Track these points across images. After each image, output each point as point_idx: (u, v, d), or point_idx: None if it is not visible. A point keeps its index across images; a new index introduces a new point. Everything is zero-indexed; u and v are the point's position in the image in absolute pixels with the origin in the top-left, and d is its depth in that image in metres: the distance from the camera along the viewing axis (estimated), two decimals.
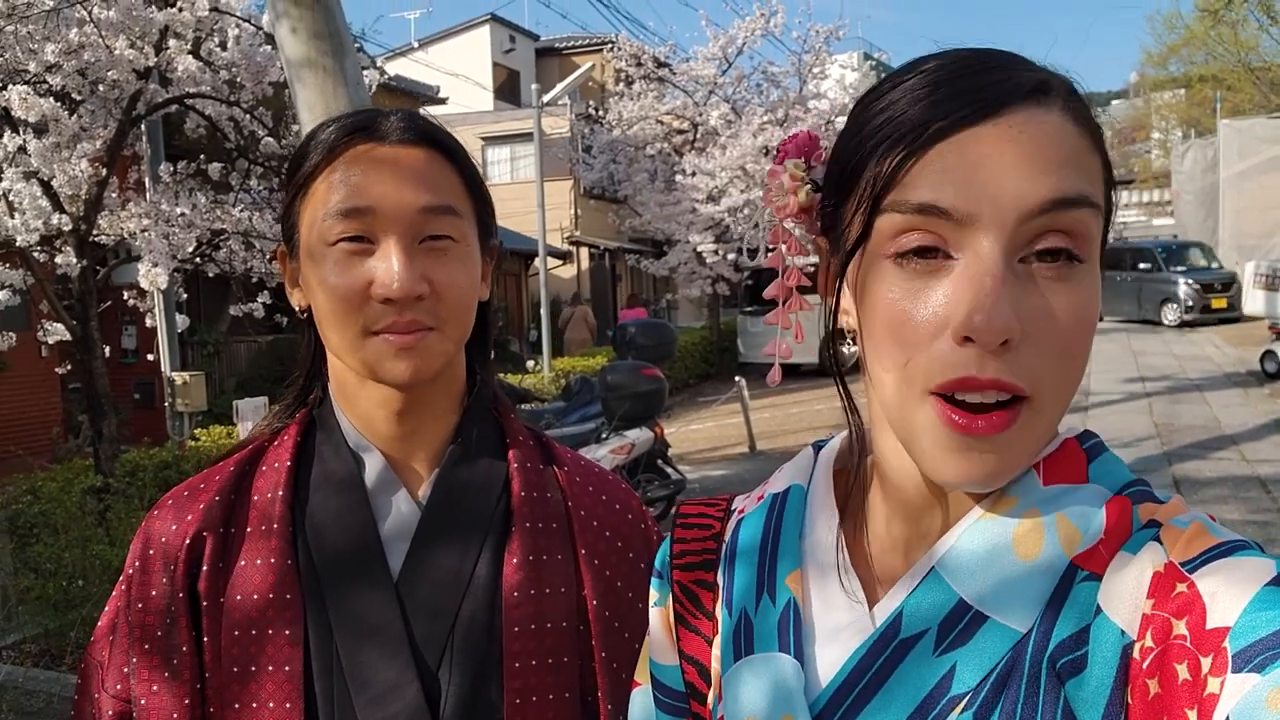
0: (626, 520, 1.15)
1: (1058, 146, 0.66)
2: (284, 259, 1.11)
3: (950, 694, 0.68)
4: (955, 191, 0.65)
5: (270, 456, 1.10)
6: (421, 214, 1.01)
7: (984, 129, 0.65)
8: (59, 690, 4.47)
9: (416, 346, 1.01)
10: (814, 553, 0.80)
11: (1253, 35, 31.52)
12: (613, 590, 1.09)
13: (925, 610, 0.70)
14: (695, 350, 18.47)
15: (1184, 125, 40.60)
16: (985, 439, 0.66)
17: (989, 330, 0.63)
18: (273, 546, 1.03)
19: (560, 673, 1.03)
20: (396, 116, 1.06)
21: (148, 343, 8.87)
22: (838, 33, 18.83)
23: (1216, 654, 0.58)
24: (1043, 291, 0.65)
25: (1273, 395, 12.55)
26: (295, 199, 1.06)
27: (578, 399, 8.13)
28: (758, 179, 17.48)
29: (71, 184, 6.14)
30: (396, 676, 0.99)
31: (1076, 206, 0.65)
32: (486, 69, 27.12)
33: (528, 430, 1.17)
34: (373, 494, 1.07)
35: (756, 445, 11.08)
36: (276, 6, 3.77)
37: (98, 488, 6.52)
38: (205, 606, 1.03)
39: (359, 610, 1.02)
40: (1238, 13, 24.13)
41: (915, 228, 0.66)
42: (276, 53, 5.99)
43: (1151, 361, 16.09)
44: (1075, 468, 0.72)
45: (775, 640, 0.78)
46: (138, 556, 1.07)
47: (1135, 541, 0.67)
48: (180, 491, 1.11)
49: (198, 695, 1.01)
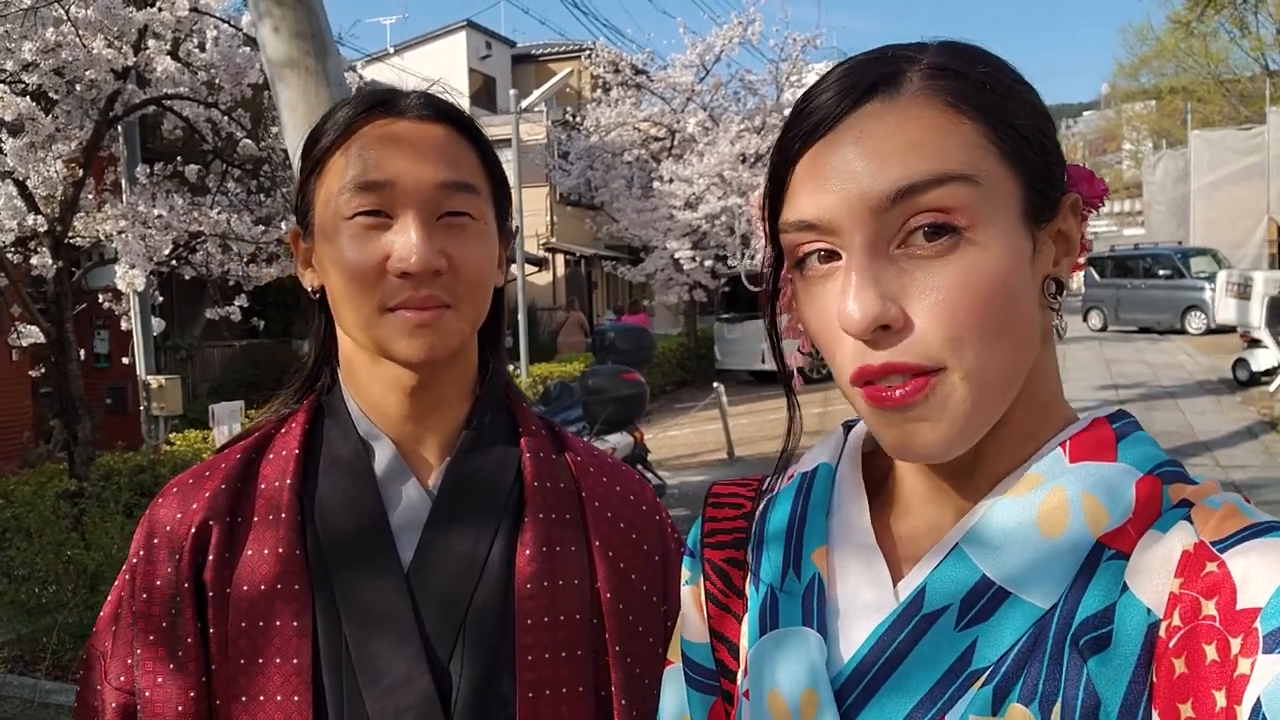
0: (640, 512, 1.13)
1: (901, 133, 0.68)
2: (296, 239, 1.09)
3: (971, 669, 0.68)
4: (815, 204, 0.70)
5: (278, 444, 1.08)
6: (440, 189, 1.00)
7: (831, 137, 0.70)
8: (33, 696, 4.41)
9: (433, 324, 0.99)
10: (840, 530, 0.81)
11: (1223, 48, 32.01)
12: (626, 583, 1.07)
13: (948, 586, 0.71)
14: (672, 357, 18.48)
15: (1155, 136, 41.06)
16: (908, 409, 0.68)
17: (856, 321, 0.66)
18: (280, 536, 1.01)
19: (573, 666, 1.01)
20: (415, 94, 1.05)
21: (121, 347, 8.78)
22: (815, 41, 18.97)
23: (1247, 635, 0.58)
24: (925, 270, 0.67)
25: (1245, 402, 12.69)
26: (310, 176, 1.04)
27: (557, 403, 8.12)
28: (735, 186, 17.55)
29: (47, 184, 6.10)
30: (408, 668, 0.97)
31: (933, 186, 0.67)
32: (463, 75, 27.04)
33: (540, 419, 1.15)
34: (382, 482, 1.04)
35: (735, 451, 11.09)
36: (259, 6, 3.74)
37: (72, 492, 6.44)
38: (211, 597, 1.00)
39: (369, 600, 1.00)
40: (1208, 26, 24.46)
41: (801, 239, 0.71)
42: (256, 54, 5.96)
43: (1125, 369, 16.24)
44: (1103, 446, 0.71)
45: (800, 615, 0.78)
46: (142, 545, 1.04)
47: (1165, 521, 0.67)
48: (185, 479, 1.08)
49: (203, 687, 0.98)
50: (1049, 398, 0.75)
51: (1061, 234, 0.74)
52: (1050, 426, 0.74)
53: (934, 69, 0.71)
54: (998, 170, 0.69)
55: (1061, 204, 0.73)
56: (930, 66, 0.71)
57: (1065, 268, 0.74)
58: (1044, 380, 0.75)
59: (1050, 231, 0.73)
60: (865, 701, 0.72)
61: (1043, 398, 0.74)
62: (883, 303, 0.66)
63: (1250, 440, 10.45)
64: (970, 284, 0.67)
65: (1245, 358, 13.85)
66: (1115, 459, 0.71)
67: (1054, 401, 0.76)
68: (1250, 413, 11.99)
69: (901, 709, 0.70)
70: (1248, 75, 32.34)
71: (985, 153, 0.69)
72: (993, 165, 0.69)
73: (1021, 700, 0.65)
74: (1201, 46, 31.75)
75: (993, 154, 0.69)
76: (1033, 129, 0.71)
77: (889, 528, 0.79)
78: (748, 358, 17.72)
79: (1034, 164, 0.71)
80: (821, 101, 0.71)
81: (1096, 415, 0.74)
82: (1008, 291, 0.68)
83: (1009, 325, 0.68)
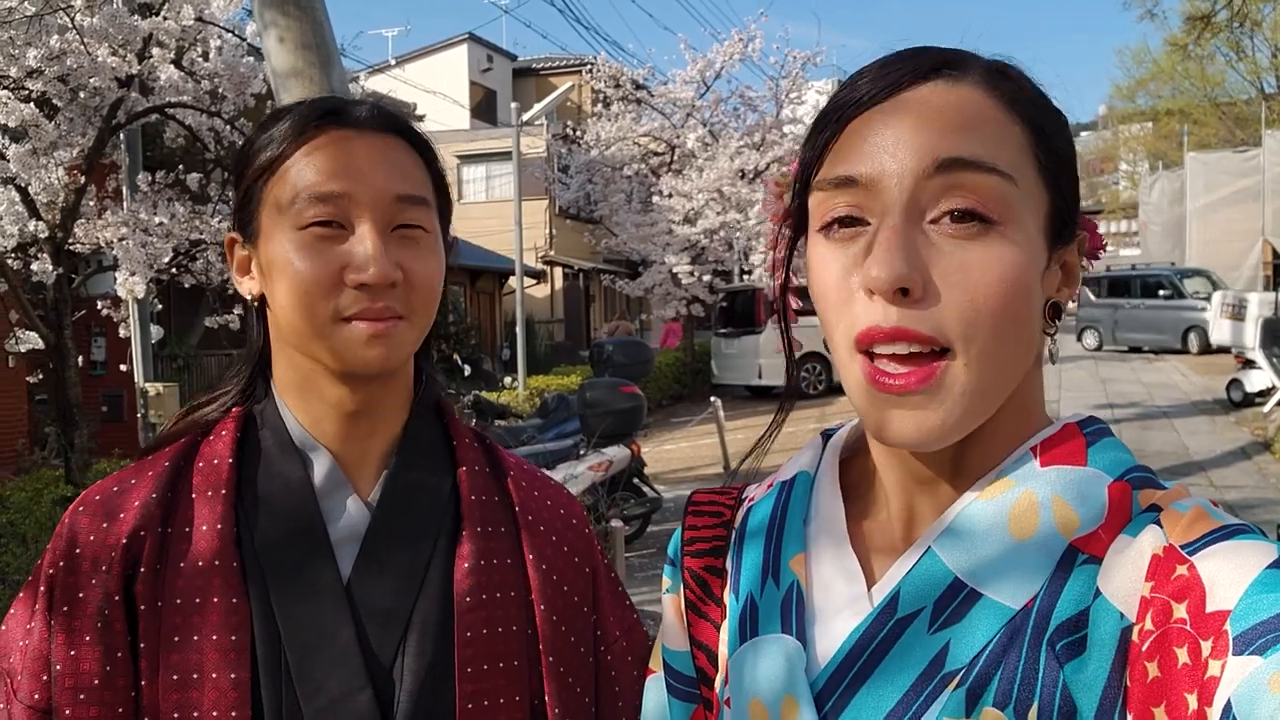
0: (571, 525, 1.14)
1: (958, 113, 0.70)
2: (232, 246, 1.07)
3: (944, 670, 0.70)
4: (860, 160, 0.71)
5: (207, 452, 1.04)
6: (396, 202, 1.00)
7: (888, 105, 0.71)
8: None
9: (388, 334, 0.99)
10: (818, 537, 0.82)
11: (1219, 71, 32.14)
12: (560, 594, 1.07)
13: (921, 588, 0.72)
14: (669, 371, 18.47)
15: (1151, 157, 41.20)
16: (909, 395, 0.68)
17: (882, 278, 0.67)
18: (215, 549, 0.97)
19: (511, 676, 1.01)
20: (367, 105, 1.05)
21: (118, 354, 8.78)
22: (814, 59, 19.02)
23: (1217, 637, 0.59)
24: (954, 250, 0.69)
25: (1239, 423, 12.71)
26: (255, 183, 1.02)
27: (555, 416, 8.12)
28: (734, 201, 17.59)
29: (48, 191, 6.10)
30: (347, 683, 0.96)
31: (975, 169, 0.68)
32: (463, 87, 27.10)
33: (472, 432, 1.15)
34: (321, 494, 1.03)
35: (731, 465, 11.09)
36: (265, 16, 3.77)
37: (68, 498, 6.43)
38: (142, 611, 0.96)
39: (308, 615, 0.97)
40: (1205, 49, 24.59)
41: (835, 200, 0.72)
42: (259, 64, 5.99)
43: (1120, 389, 16.25)
44: (1074, 451, 0.73)
45: (779, 622, 0.79)
46: (62, 556, 0.98)
47: (1135, 525, 0.68)
48: (108, 487, 1.03)
49: (132, 704, 0.94)
50: (1032, 413, 0.77)
51: (1067, 264, 0.76)
52: (1026, 436, 0.75)
53: (995, 70, 0.73)
54: (1035, 181, 0.71)
55: (1075, 236, 0.76)
56: (992, 67, 0.74)
57: (1065, 297, 0.76)
58: (1030, 392, 0.76)
59: (1059, 258, 0.75)
60: (844, 705, 0.73)
61: (1026, 412, 0.76)
62: (909, 266, 0.67)
63: (1244, 461, 10.45)
64: (996, 270, 0.68)
65: (1240, 378, 13.87)
66: (1085, 463, 0.72)
67: (1037, 416, 0.77)
68: (1244, 433, 12.00)
69: (879, 712, 0.71)
70: (1243, 98, 32.45)
71: (1027, 160, 0.71)
72: (1031, 175, 0.71)
73: (996, 704, 0.66)
74: (1198, 69, 31.90)
75: (1032, 164, 0.71)
76: (1067, 154, 0.74)
77: (865, 530, 0.80)
78: (745, 372, 17.73)
79: (1063, 186, 0.73)
80: (881, 74, 0.73)
81: (1067, 420, 0.76)
82: (1024, 289, 0.70)
83: (1019, 322, 0.70)
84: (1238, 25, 21.44)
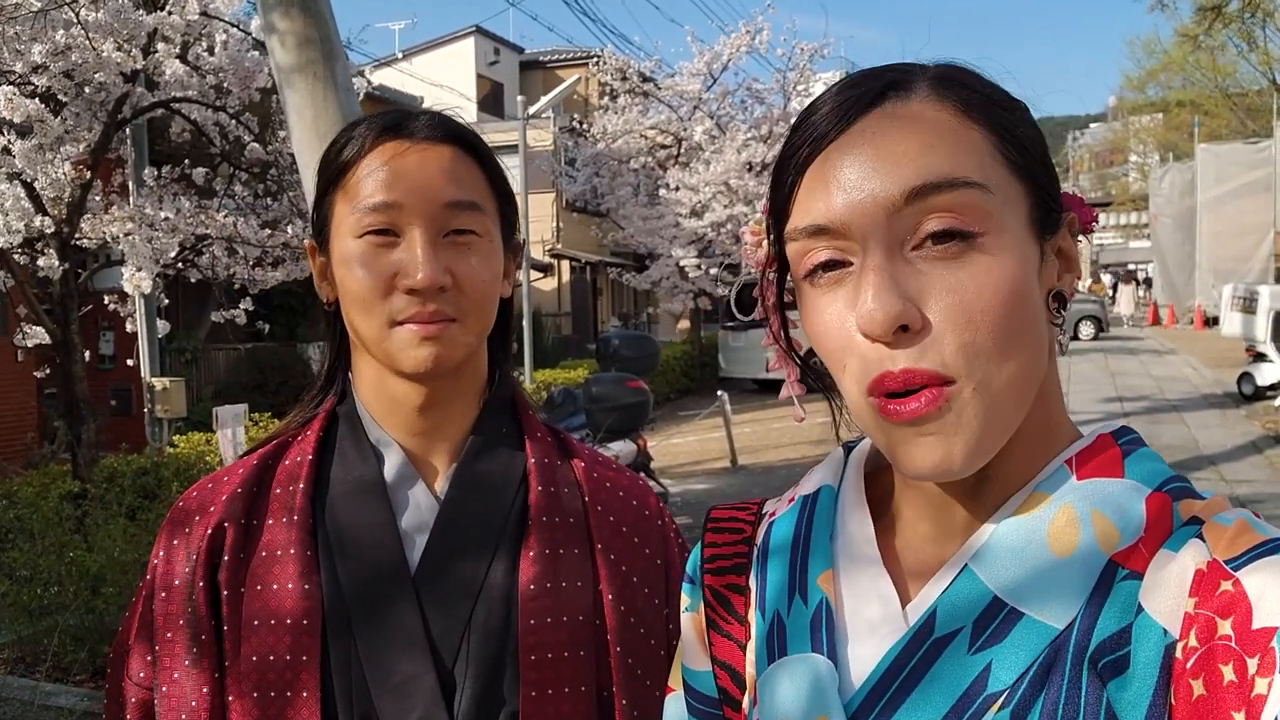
0: (644, 517, 1.16)
1: (913, 136, 0.68)
2: (314, 253, 1.14)
3: (987, 692, 0.68)
4: (828, 207, 0.69)
5: (294, 450, 1.12)
6: (446, 209, 1.05)
7: (843, 140, 0.70)
8: (33, 698, 4.41)
9: (439, 336, 1.03)
10: (845, 552, 0.80)
11: (1231, 62, 31.98)
12: (629, 585, 1.10)
13: (959, 607, 0.70)
14: (676, 365, 18.46)
15: (1162, 149, 41.03)
16: (921, 423, 0.67)
17: (877, 321, 0.66)
18: (293, 539, 1.05)
19: (576, 666, 1.04)
20: (425, 116, 1.10)
21: (126, 349, 8.80)
22: (822, 51, 18.95)
23: (1264, 654, 0.57)
24: (943, 272, 0.67)
25: (1249, 417, 12.67)
26: (326, 194, 1.10)
27: (561, 410, 8.11)
28: (741, 194, 17.55)
29: (55, 186, 6.11)
30: (414, 668, 1.01)
31: (946, 189, 0.67)
32: (470, 81, 27.09)
33: (546, 426, 1.18)
34: (392, 488, 1.08)
35: (738, 459, 11.08)
36: (268, 12, 3.76)
37: (75, 493, 6.45)
38: (225, 596, 1.04)
39: (377, 602, 1.03)
40: (1216, 39, 24.44)
41: (812, 247, 0.70)
42: (264, 59, 5.98)
43: (1129, 382, 16.21)
44: (1110, 463, 0.71)
45: (808, 641, 0.77)
46: (163, 546, 1.09)
47: (1177, 539, 0.67)
48: (205, 483, 1.13)
49: (216, 684, 1.02)
50: (1055, 414, 0.75)
51: (1062, 250, 0.74)
52: (1055, 444, 0.73)
53: (942, 79, 0.72)
54: (1007, 180, 0.69)
55: (1062, 220, 0.74)
56: (938, 77, 0.72)
57: (1067, 283, 0.74)
58: (1049, 397, 0.74)
59: (1053, 246, 0.73)
60: None
61: (1049, 414, 0.74)
62: (903, 302, 0.66)
63: (1255, 454, 10.42)
64: (985, 286, 0.66)
65: (1250, 372, 13.83)
66: (1122, 475, 0.70)
67: (1059, 418, 0.75)
68: (1255, 427, 11.96)
69: None
70: (1255, 89, 32.32)
71: (994, 161, 0.69)
72: (1002, 175, 0.69)
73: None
74: (1209, 60, 31.73)
75: (1001, 163, 0.69)
76: (1035, 141, 0.72)
77: (894, 547, 0.78)
78: (752, 366, 17.70)
79: (1038, 175, 0.72)
80: (830, 108, 0.71)
81: (1100, 431, 0.74)
82: (1020, 296, 0.68)
83: (1021, 331, 0.68)
84: (1249, 15, 21.31)
